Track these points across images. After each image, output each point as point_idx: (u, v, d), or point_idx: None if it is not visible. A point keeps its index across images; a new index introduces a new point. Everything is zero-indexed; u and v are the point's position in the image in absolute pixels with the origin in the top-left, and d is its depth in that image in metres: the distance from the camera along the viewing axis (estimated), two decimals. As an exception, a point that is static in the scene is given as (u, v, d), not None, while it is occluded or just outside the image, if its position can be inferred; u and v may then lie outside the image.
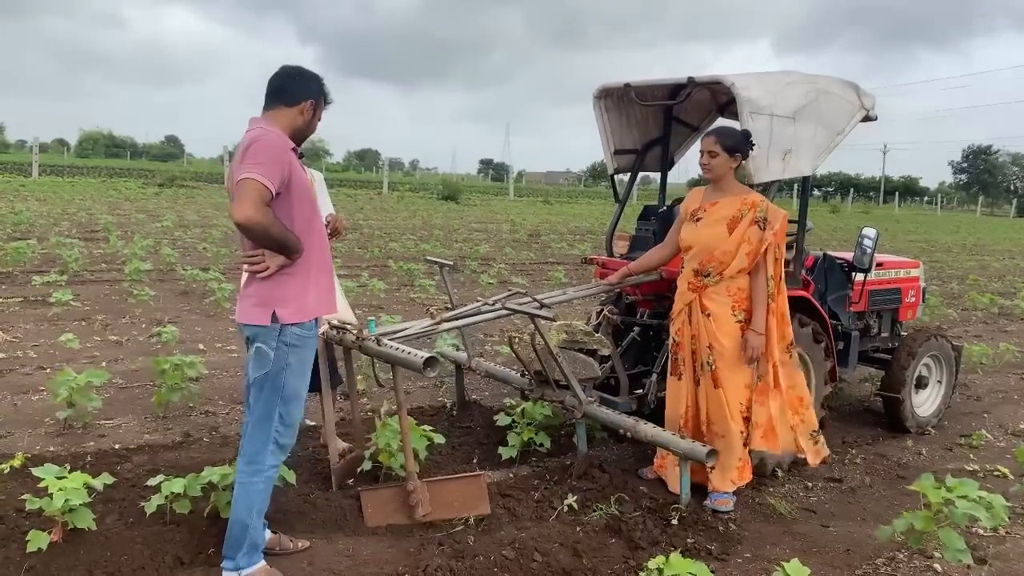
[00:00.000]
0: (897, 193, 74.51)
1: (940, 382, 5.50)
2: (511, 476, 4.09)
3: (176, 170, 44.68)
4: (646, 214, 5.08)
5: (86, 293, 8.72)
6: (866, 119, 4.51)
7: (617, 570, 3.20)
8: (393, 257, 13.34)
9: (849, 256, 5.11)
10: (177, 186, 31.87)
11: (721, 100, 5.11)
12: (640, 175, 5.30)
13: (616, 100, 4.84)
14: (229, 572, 2.91)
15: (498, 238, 18.55)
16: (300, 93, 2.93)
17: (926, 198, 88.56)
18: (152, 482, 3.28)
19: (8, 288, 8.76)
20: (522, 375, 4.55)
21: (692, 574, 2.60)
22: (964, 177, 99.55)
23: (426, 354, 3.19)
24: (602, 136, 4.88)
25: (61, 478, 3.00)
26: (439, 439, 3.92)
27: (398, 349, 3.32)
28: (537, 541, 3.28)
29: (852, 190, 75.82)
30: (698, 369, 3.91)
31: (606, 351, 4.40)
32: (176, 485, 3.18)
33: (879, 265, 5.39)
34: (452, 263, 4.74)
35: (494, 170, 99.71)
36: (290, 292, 2.86)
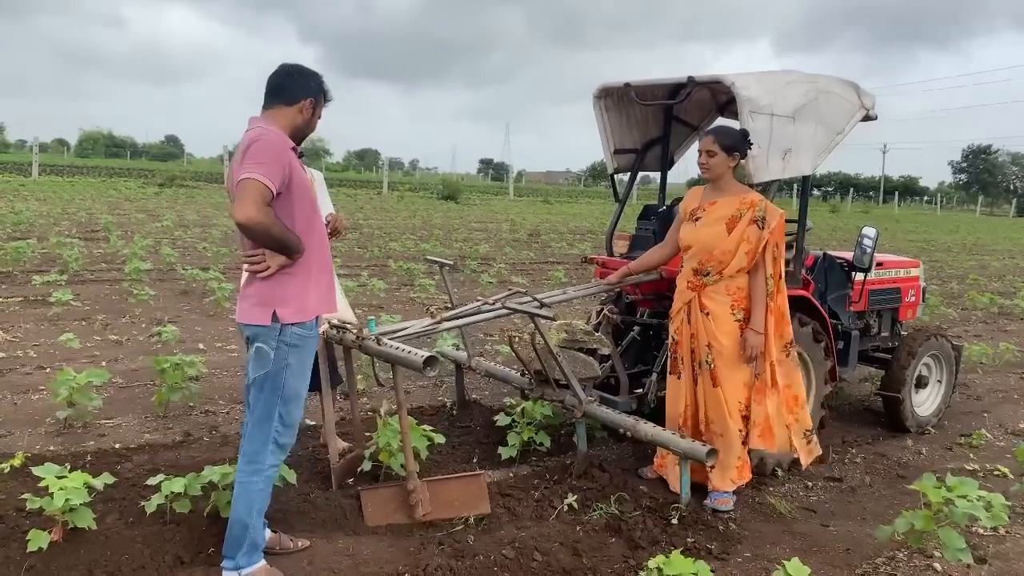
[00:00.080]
0: (897, 193, 74.52)
1: (940, 381, 5.51)
2: (511, 475, 4.09)
3: (176, 170, 44.73)
4: (646, 214, 5.08)
5: (86, 293, 8.72)
6: (866, 118, 4.51)
7: (617, 569, 3.20)
8: (393, 257, 13.34)
9: (849, 256, 5.11)
10: (177, 186, 31.88)
11: (721, 100, 5.11)
12: (640, 175, 5.30)
13: (616, 100, 4.84)
14: (229, 572, 2.91)
15: (498, 238, 18.55)
16: (299, 91, 2.92)
17: (926, 198, 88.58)
18: (152, 481, 3.28)
19: (8, 288, 8.76)
20: (522, 374, 4.55)
21: (694, 573, 2.60)
22: (964, 177, 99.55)
23: (426, 353, 3.19)
24: (602, 136, 4.88)
25: (61, 477, 3.00)
26: (439, 438, 3.92)
27: (398, 348, 3.32)
28: (537, 540, 3.28)
29: (852, 190, 75.80)
30: (696, 368, 3.91)
31: (606, 350, 4.41)
32: (176, 484, 3.18)
33: (879, 265, 5.39)
34: (452, 263, 4.75)
35: (494, 170, 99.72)
36: (291, 292, 2.85)
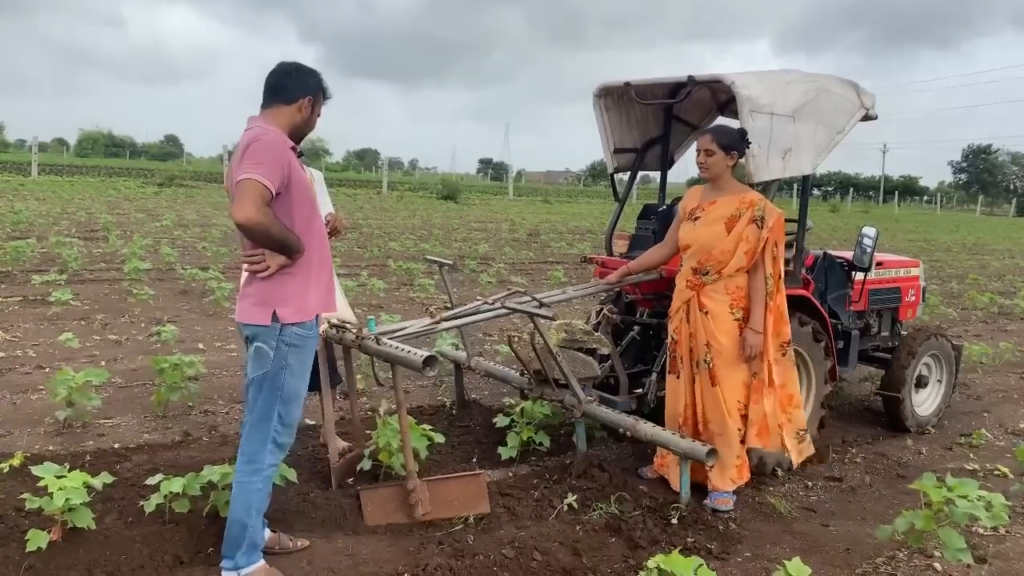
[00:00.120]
0: (897, 192, 74.56)
1: (940, 381, 5.50)
2: (511, 475, 4.08)
3: (175, 169, 44.74)
4: (646, 213, 5.07)
5: (85, 292, 8.71)
6: (866, 118, 4.50)
7: (617, 569, 3.20)
8: (392, 256, 13.33)
9: (849, 255, 5.11)
10: (176, 185, 31.88)
11: (721, 99, 5.10)
12: (640, 174, 5.29)
13: (616, 99, 4.83)
14: (228, 571, 2.90)
15: (497, 237, 18.55)
16: (298, 90, 2.90)
17: (926, 197, 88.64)
18: (151, 481, 3.28)
19: (7, 287, 8.76)
20: (521, 374, 4.55)
21: (695, 573, 2.59)
22: (964, 176, 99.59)
23: (425, 353, 3.18)
24: (602, 135, 4.88)
25: (61, 477, 3.00)
26: (439, 438, 3.92)
27: (397, 348, 3.31)
28: (537, 540, 3.27)
29: (852, 189, 75.83)
30: (694, 367, 3.91)
31: (606, 350, 4.41)
32: (175, 484, 3.18)
33: (879, 264, 5.39)
34: (451, 262, 4.74)
35: (493, 169, 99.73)
36: (290, 292, 2.85)
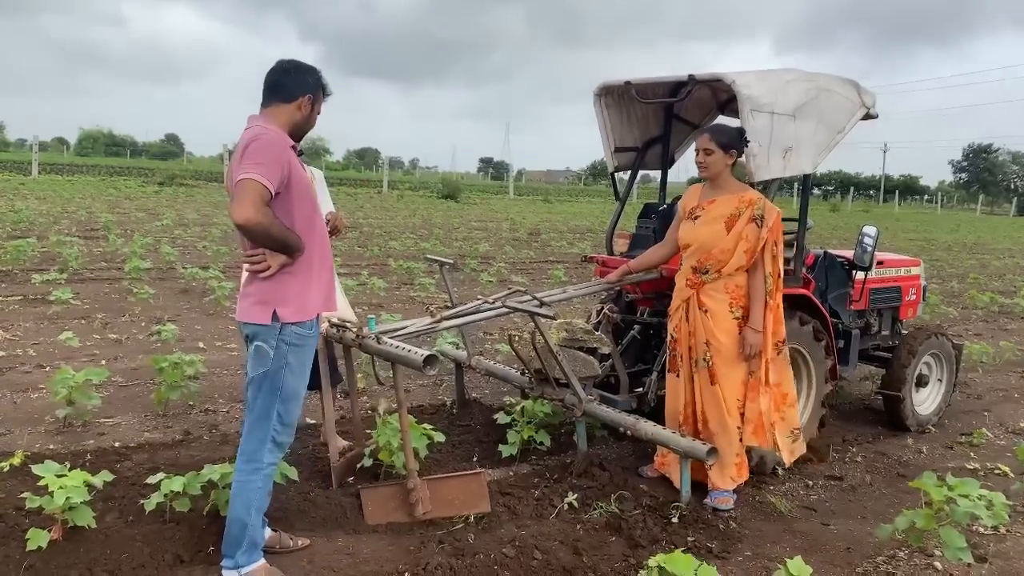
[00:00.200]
0: (897, 192, 74.50)
1: (940, 380, 5.50)
2: (511, 474, 4.09)
3: (176, 168, 44.70)
4: (646, 212, 5.07)
5: (86, 291, 8.71)
6: (867, 117, 4.50)
7: (617, 568, 3.20)
8: (393, 256, 13.33)
9: (850, 254, 5.11)
10: (177, 184, 31.87)
11: (721, 98, 5.10)
12: (640, 173, 5.29)
13: (617, 98, 4.83)
14: (229, 570, 2.91)
15: (498, 237, 18.55)
16: (297, 88, 2.89)
17: (926, 197, 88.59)
18: (152, 480, 3.28)
19: (8, 286, 8.76)
20: (522, 373, 4.55)
21: (695, 573, 2.59)
22: (964, 176, 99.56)
23: (426, 352, 3.18)
24: (602, 134, 4.87)
25: (61, 476, 3.00)
26: (439, 437, 3.92)
27: (398, 347, 3.31)
28: (537, 539, 3.28)
29: (852, 188, 75.84)
30: (694, 366, 3.91)
31: (606, 349, 4.41)
32: (176, 483, 3.18)
33: (879, 263, 5.38)
34: (452, 262, 4.74)
35: (494, 169, 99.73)
36: (291, 291, 2.84)
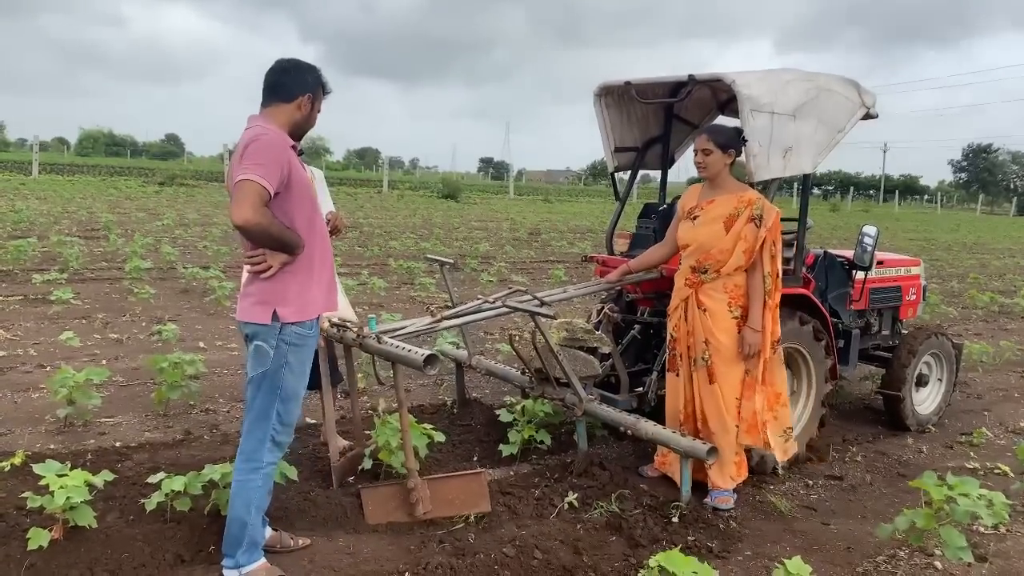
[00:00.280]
0: (897, 191, 74.46)
1: (940, 380, 5.50)
2: (511, 474, 4.09)
3: (176, 168, 44.68)
4: (647, 212, 5.07)
5: (86, 291, 8.72)
6: (867, 117, 4.50)
7: (618, 567, 3.20)
8: (393, 255, 13.34)
9: (850, 254, 5.11)
10: (177, 184, 31.86)
11: (722, 98, 5.10)
12: (640, 173, 5.29)
13: (617, 98, 4.83)
14: (229, 570, 2.91)
15: (498, 236, 18.54)
16: (297, 87, 2.89)
17: (926, 196, 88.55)
18: (153, 480, 3.28)
19: (8, 286, 8.76)
20: (522, 373, 4.56)
21: (695, 573, 2.59)
22: (964, 175, 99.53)
23: (426, 352, 3.18)
24: (602, 134, 4.87)
25: (62, 476, 3.00)
26: (439, 437, 3.92)
27: (398, 347, 3.31)
28: (538, 539, 3.28)
29: (852, 188, 75.79)
30: (692, 365, 3.91)
31: (606, 349, 4.41)
32: (176, 483, 3.18)
33: (879, 263, 5.38)
34: (452, 261, 4.75)
35: (494, 168, 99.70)
36: (291, 291, 2.85)
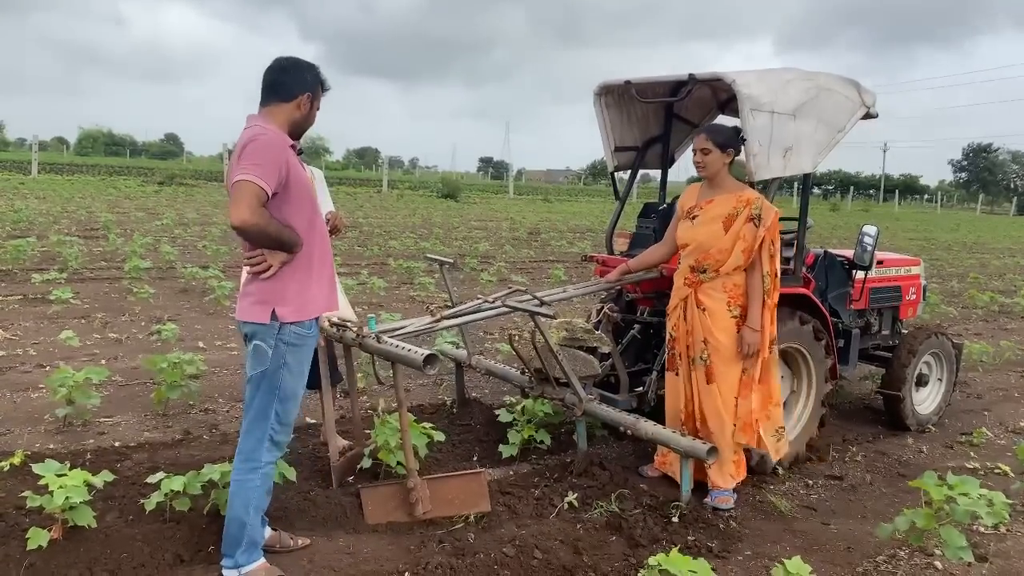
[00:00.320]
0: (897, 191, 74.46)
1: (940, 380, 5.50)
2: (511, 474, 4.09)
3: (176, 168, 44.68)
4: (646, 212, 5.07)
5: (86, 291, 8.71)
6: (867, 116, 4.50)
7: (618, 567, 3.20)
8: (393, 255, 13.33)
9: (850, 254, 5.11)
10: (177, 184, 31.86)
11: (722, 97, 5.10)
12: (640, 173, 5.29)
13: (617, 97, 4.83)
14: (229, 570, 2.91)
15: (498, 236, 18.54)
16: (296, 87, 2.88)
17: (926, 196, 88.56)
18: (152, 480, 3.28)
19: (8, 286, 8.75)
20: (522, 373, 4.55)
21: (693, 572, 2.59)
22: (964, 175, 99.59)
23: (426, 352, 3.18)
24: (602, 133, 4.87)
25: (61, 475, 3.00)
26: (439, 436, 3.92)
27: (398, 346, 3.31)
28: (537, 538, 3.27)
29: (852, 188, 75.81)
30: (691, 364, 3.91)
31: (606, 349, 4.40)
32: (176, 483, 3.18)
33: (879, 263, 5.38)
34: (452, 261, 4.74)
35: (494, 168, 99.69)
36: (290, 291, 2.84)
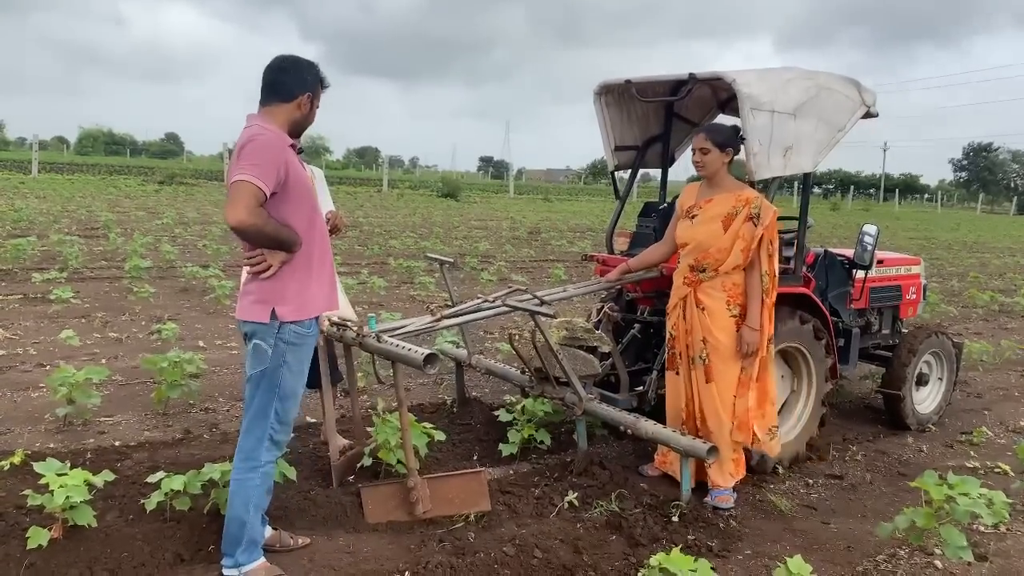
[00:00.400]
0: (897, 190, 74.42)
1: (941, 379, 5.50)
2: (511, 473, 4.09)
3: (176, 167, 44.65)
4: (647, 211, 5.07)
5: (86, 290, 8.71)
6: (867, 116, 4.50)
7: (618, 567, 3.20)
8: (393, 254, 13.33)
9: (850, 253, 5.10)
10: (177, 183, 31.85)
11: (722, 96, 5.10)
12: (640, 172, 5.29)
13: (617, 96, 4.83)
14: (229, 569, 2.91)
15: (498, 235, 18.53)
16: (297, 87, 2.87)
17: (926, 195, 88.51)
18: (152, 479, 3.28)
19: (8, 285, 8.76)
20: (522, 372, 4.55)
21: (693, 571, 2.59)
22: (964, 175, 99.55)
23: (426, 351, 3.18)
24: (603, 133, 4.87)
25: (62, 475, 3.00)
26: (439, 436, 3.92)
27: (398, 346, 3.31)
28: (537, 538, 3.28)
29: (852, 187, 75.76)
30: (690, 363, 3.91)
31: (606, 348, 4.40)
32: (176, 482, 3.18)
33: (880, 262, 5.38)
34: (452, 260, 4.75)
35: (494, 167, 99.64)
36: (290, 290, 2.84)
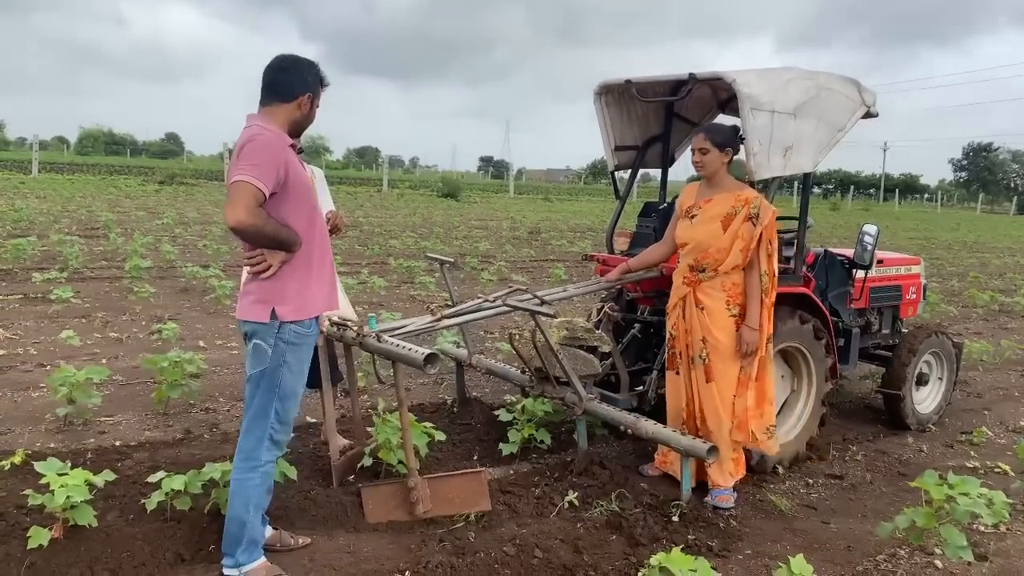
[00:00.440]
0: (897, 190, 74.43)
1: (941, 379, 5.50)
2: (512, 473, 4.09)
3: (176, 167, 44.64)
4: (647, 211, 5.07)
5: (86, 290, 8.72)
6: (867, 116, 4.50)
7: (618, 566, 3.20)
8: (393, 254, 13.33)
9: (850, 253, 5.11)
10: (177, 183, 31.85)
11: (722, 96, 5.10)
12: (641, 172, 5.29)
13: (617, 96, 4.83)
14: (229, 569, 2.91)
15: (498, 235, 18.54)
16: (297, 87, 2.87)
17: (926, 195, 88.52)
18: (153, 479, 3.28)
19: (8, 285, 8.76)
20: (522, 372, 4.56)
21: (693, 571, 2.60)
22: (964, 175, 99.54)
23: (427, 351, 3.18)
24: (603, 132, 4.87)
25: (62, 474, 3.01)
26: (440, 436, 3.92)
27: (399, 346, 3.31)
28: (538, 537, 3.28)
29: (852, 187, 75.77)
30: (690, 363, 3.91)
31: (606, 348, 4.40)
32: (177, 482, 3.19)
33: (880, 262, 5.38)
34: (452, 260, 4.75)
35: (494, 167, 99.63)
36: (290, 289, 2.85)
